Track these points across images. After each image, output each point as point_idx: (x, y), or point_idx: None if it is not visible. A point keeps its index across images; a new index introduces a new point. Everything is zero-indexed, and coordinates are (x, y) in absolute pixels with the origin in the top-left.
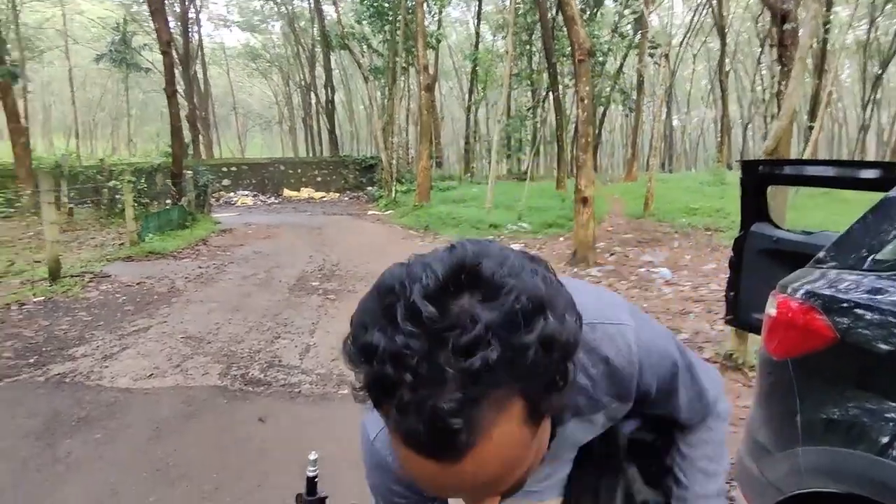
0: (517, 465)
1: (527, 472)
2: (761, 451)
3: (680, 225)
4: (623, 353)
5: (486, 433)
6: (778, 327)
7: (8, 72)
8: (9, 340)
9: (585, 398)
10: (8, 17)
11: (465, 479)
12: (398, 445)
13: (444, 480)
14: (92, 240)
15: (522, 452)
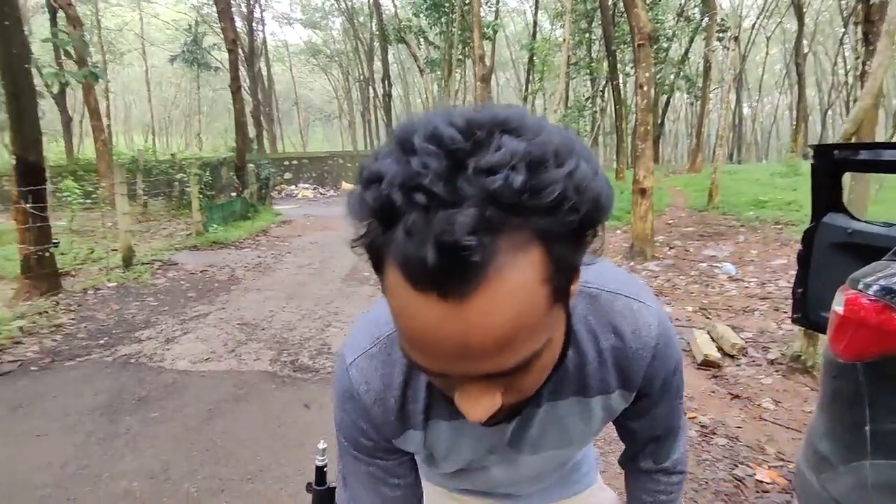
0: (527, 334)
1: (535, 367)
2: (823, 463)
3: (747, 218)
4: (641, 334)
5: (498, 269)
6: (846, 327)
7: (90, 73)
8: (84, 322)
9: (590, 374)
10: (91, 22)
11: (469, 331)
12: (399, 288)
13: (444, 332)
14: (163, 230)
15: (535, 319)
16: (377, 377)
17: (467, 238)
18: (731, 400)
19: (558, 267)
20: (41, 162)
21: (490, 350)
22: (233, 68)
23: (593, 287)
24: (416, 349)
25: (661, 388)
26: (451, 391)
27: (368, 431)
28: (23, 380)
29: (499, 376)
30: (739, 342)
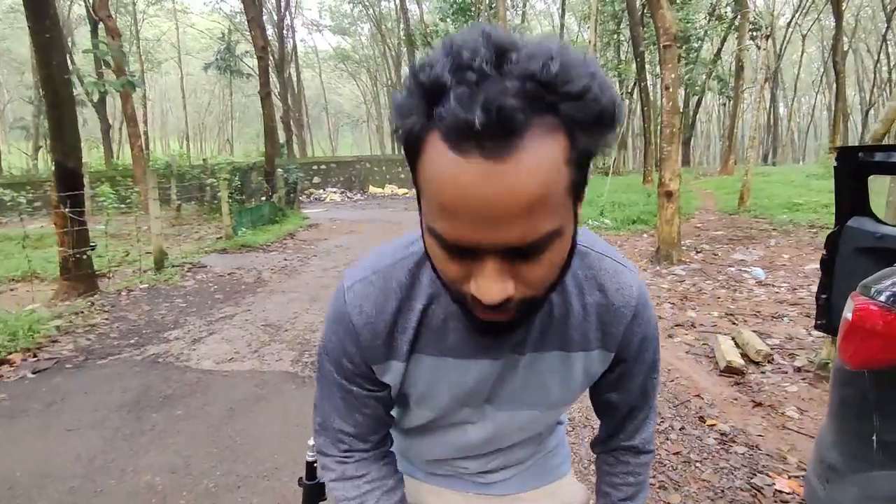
0: (548, 209)
1: (546, 258)
2: (830, 472)
3: (780, 221)
4: (624, 293)
5: (532, 139)
6: (854, 334)
7: (127, 82)
8: (116, 322)
9: (574, 327)
10: (130, 33)
11: (501, 192)
12: (441, 158)
13: (480, 192)
14: (195, 233)
15: (555, 197)
16: (371, 302)
17: (511, 101)
18: (754, 408)
19: (579, 155)
20: (79, 168)
21: (516, 214)
22: (263, 75)
23: (584, 246)
24: (450, 217)
25: (638, 354)
26: (467, 281)
27: (353, 355)
28: (58, 377)
29: (516, 255)
30: (765, 349)
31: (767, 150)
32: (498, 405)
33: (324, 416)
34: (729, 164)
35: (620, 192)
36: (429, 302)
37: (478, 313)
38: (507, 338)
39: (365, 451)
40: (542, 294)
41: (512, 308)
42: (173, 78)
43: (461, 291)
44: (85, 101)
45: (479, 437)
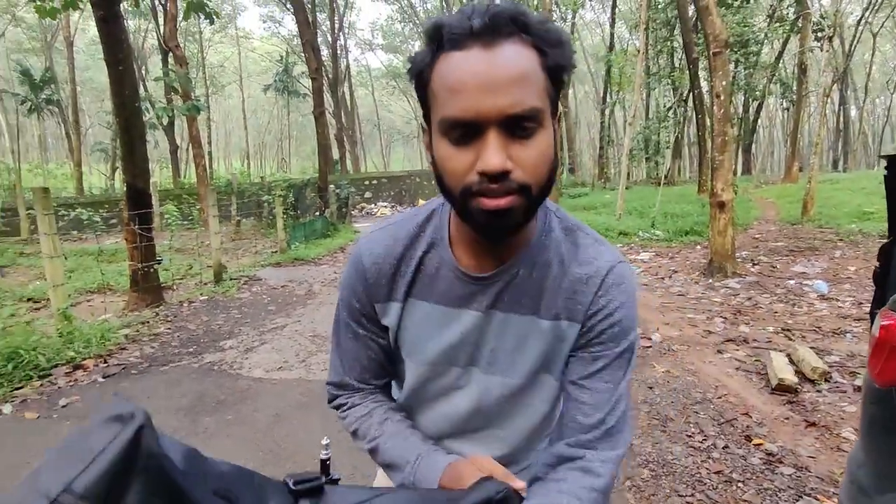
0: (533, 87)
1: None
2: (860, 493)
3: (847, 231)
4: (596, 264)
5: (514, 43)
6: (882, 350)
7: (193, 106)
8: (177, 332)
9: (547, 291)
10: (197, 60)
11: (495, 67)
12: (449, 59)
13: (479, 70)
14: (253, 247)
15: (537, 83)
16: (381, 246)
17: (497, 15)
18: (807, 428)
19: (549, 66)
20: (148, 188)
21: (507, 82)
22: (316, 95)
23: (574, 226)
24: (459, 94)
25: (605, 337)
26: (473, 168)
27: (360, 294)
28: (125, 381)
29: (512, 126)
30: (821, 366)
31: (838, 155)
32: (481, 367)
33: (336, 359)
34: (792, 171)
35: (673, 202)
36: (427, 250)
37: (484, 202)
38: (489, 286)
39: (370, 391)
40: (536, 187)
41: (513, 189)
42: (235, 100)
43: (468, 182)
44: (156, 125)
45: (466, 406)
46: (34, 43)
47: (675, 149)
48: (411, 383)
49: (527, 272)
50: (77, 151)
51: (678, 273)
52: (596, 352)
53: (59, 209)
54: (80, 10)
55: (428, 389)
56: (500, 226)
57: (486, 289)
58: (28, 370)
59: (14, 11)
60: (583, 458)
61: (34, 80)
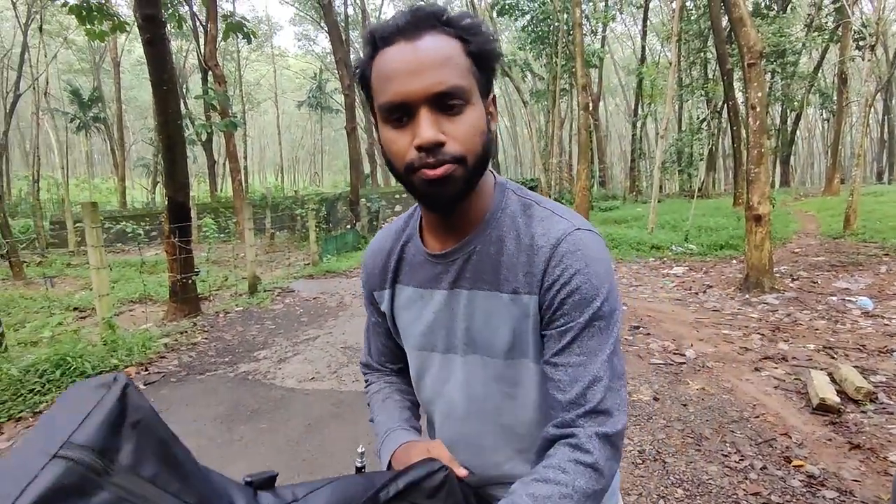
0: (456, 69)
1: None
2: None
3: (893, 246)
4: (548, 234)
5: (434, 32)
6: None
7: (230, 122)
8: (213, 342)
9: (504, 265)
10: (235, 78)
11: (419, 54)
12: (381, 60)
13: (406, 59)
14: (286, 259)
15: (461, 66)
16: (379, 240)
17: (418, 14)
18: (851, 450)
19: (471, 52)
20: (188, 202)
21: (431, 65)
22: (348, 111)
23: (532, 200)
24: (390, 81)
25: (569, 310)
26: (410, 147)
27: (364, 283)
28: (164, 389)
29: (440, 103)
30: (866, 386)
31: (882, 166)
32: (460, 351)
33: (364, 342)
34: (833, 183)
35: (708, 215)
36: (407, 240)
37: (425, 173)
38: (450, 264)
39: (387, 372)
40: (471, 157)
41: (448, 160)
42: (271, 116)
43: (409, 160)
44: (195, 141)
45: (459, 397)
46: (83, 64)
47: (709, 161)
48: (413, 377)
49: (484, 248)
50: (121, 167)
51: (713, 288)
52: (561, 325)
53: (104, 222)
54: (126, 33)
55: (425, 385)
56: (441, 194)
57: (448, 267)
58: (74, 376)
59: (66, 35)
60: (570, 435)
61: (83, 99)
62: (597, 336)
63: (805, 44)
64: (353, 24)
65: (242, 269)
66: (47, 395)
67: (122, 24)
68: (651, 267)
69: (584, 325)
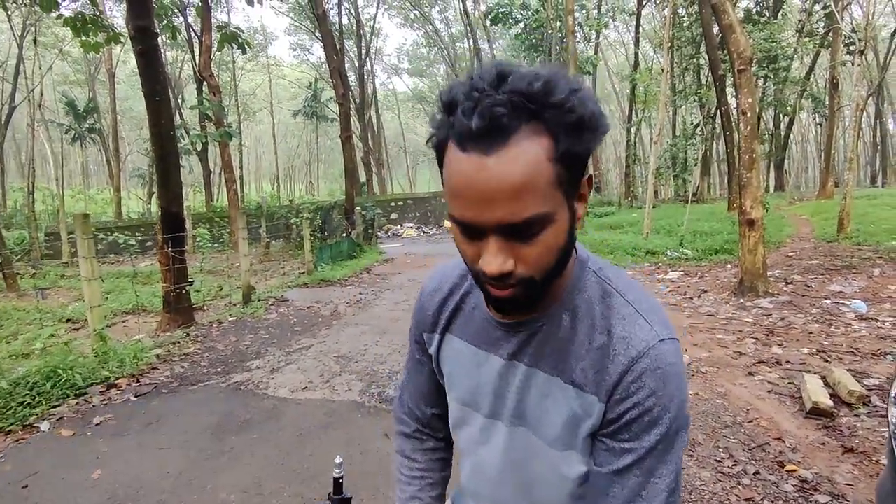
0: (534, 194)
1: (541, 240)
2: None
3: (887, 249)
4: (629, 342)
5: (518, 139)
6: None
7: (225, 132)
8: (206, 352)
9: (573, 354)
10: (230, 88)
11: (492, 178)
12: (453, 157)
13: (477, 179)
14: (281, 269)
15: (541, 185)
16: (437, 280)
17: (500, 110)
18: (844, 454)
19: (563, 154)
20: (181, 212)
21: (504, 195)
22: (343, 119)
23: (614, 288)
24: (458, 199)
25: (637, 430)
26: (479, 259)
27: (416, 319)
28: (155, 400)
29: (512, 234)
30: (859, 389)
31: (876, 170)
32: (505, 421)
33: (402, 381)
34: (827, 187)
35: (703, 220)
36: (468, 290)
37: (489, 289)
38: (512, 335)
39: (420, 427)
40: (541, 276)
41: (514, 284)
42: (266, 125)
43: (476, 270)
44: (190, 151)
45: (494, 460)
46: (79, 75)
47: (703, 166)
48: (451, 422)
49: (552, 329)
50: (116, 177)
51: (708, 293)
52: (624, 442)
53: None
54: (121, 44)
55: (461, 436)
56: (506, 310)
57: (509, 337)
58: (65, 389)
59: (61, 46)
60: None
61: (78, 110)
62: (659, 458)
63: (796, 49)
64: (348, 33)
65: (237, 279)
66: (37, 408)
67: (117, 35)
68: (646, 272)
69: (649, 448)
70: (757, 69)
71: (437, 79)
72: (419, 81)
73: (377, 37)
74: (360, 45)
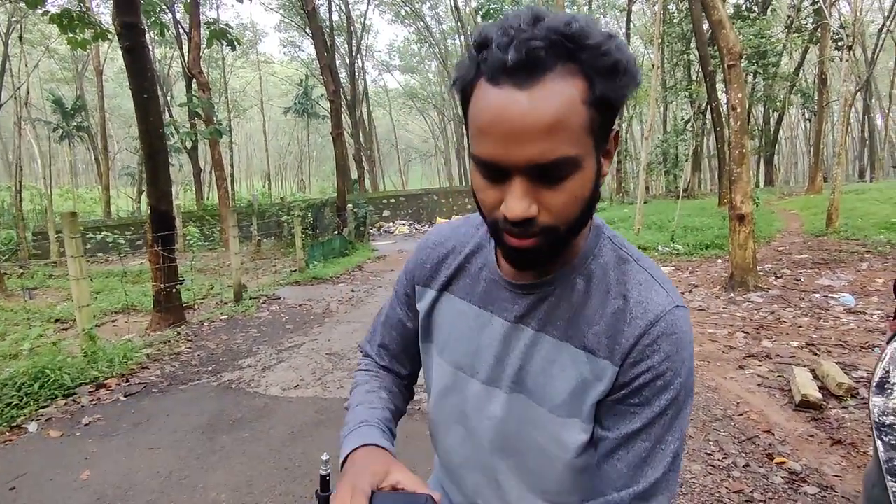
0: (565, 135)
1: (566, 187)
2: None
3: (875, 243)
4: (646, 307)
5: (553, 77)
6: None
7: (215, 130)
8: (197, 351)
9: (586, 319)
10: (220, 85)
11: (526, 114)
12: (482, 93)
13: (509, 114)
14: (273, 267)
15: (573, 127)
16: (439, 235)
17: (537, 44)
18: (832, 446)
19: (597, 99)
20: (171, 211)
21: (536, 132)
22: (334, 116)
23: (629, 255)
24: (486, 136)
25: (648, 394)
26: (500, 206)
27: (409, 271)
28: (145, 400)
29: (538, 176)
30: (847, 382)
31: (864, 165)
32: (504, 387)
33: (374, 323)
34: (816, 182)
35: (694, 215)
36: (474, 249)
37: (509, 239)
38: (521, 297)
39: (384, 367)
40: (565, 228)
41: (536, 233)
42: (257, 123)
43: (495, 217)
44: (180, 149)
45: (488, 427)
46: (66, 73)
47: (694, 161)
48: (436, 389)
49: (564, 293)
50: (105, 176)
51: (699, 287)
52: (635, 406)
53: (86, 232)
54: (109, 41)
55: (447, 405)
56: (524, 262)
57: (518, 298)
58: (53, 389)
59: (47, 43)
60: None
61: (66, 108)
62: (667, 424)
63: (785, 45)
64: (339, 29)
65: (228, 277)
66: (25, 409)
67: (104, 32)
68: None
69: (659, 412)
70: (746, 65)
71: (429, 75)
72: (410, 78)
73: (368, 33)
74: (350, 41)
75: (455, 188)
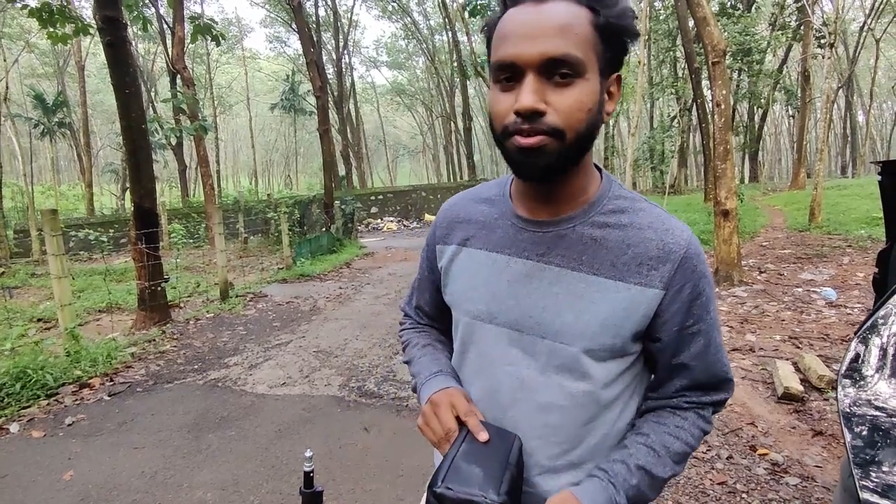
0: (574, 38)
1: (573, 90)
2: (852, 501)
3: (856, 238)
4: (674, 234)
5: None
6: None
7: (200, 126)
8: (183, 349)
9: (610, 252)
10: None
11: (540, 19)
12: (506, 16)
13: (525, 20)
14: (260, 264)
15: (581, 34)
16: (458, 197)
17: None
18: (813, 437)
19: (601, 26)
20: (154, 208)
21: (549, 31)
22: (321, 113)
23: (640, 198)
24: (505, 41)
25: (699, 311)
26: (511, 111)
27: (432, 234)
28: (130, 399)
29: (550, 70)
30: (828, 374)
31: (846, 161)
32: (525, 329)
33: (411, 287)
34: (799, 178)
35: (680, 211)
36: (490, 202)
37: (517, 139)
38: (542, 235)
39: (425, 324)
40: (570, 134)
41: (544, 130)
42: (243, 119)
43: (506, 123)
44: (165, 145)
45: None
46: (47, 68)
47: (680, 158)
48: (457, 349)
49: (585, 230)
50: (88, 173)
51: None
52: (691, 326)
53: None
54: (90, 36)
55: (468, 359)
56: (532, 164)
57: (539, 236)
58: (35, 389)
59: (27, 38)
60: (700, 406)
61: (47, 104)
62: (716, 329)
63: (769, 42)
64: (325, 25)
65: (214, 275)
66: (6, 410)
67: (86, 27)
68: None
69: (711, 322)
70: (731, 62)
71: (416, 72)
72: (398, 74)
73: (355, 29)
74: (337, 37)
75: (443, 184)
